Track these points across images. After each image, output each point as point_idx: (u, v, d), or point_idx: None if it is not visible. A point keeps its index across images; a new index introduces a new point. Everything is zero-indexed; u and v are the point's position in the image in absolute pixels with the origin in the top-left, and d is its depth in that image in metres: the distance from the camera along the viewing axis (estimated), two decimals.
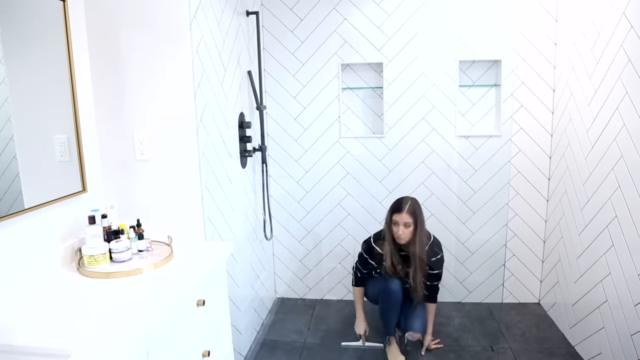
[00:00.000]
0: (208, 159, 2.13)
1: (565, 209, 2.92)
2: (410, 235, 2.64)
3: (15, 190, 1.58)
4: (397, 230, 2.63)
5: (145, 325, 1.28)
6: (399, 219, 2.62)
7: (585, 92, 2.63)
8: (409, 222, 2.61)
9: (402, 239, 2.64)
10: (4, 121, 1.55)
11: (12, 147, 1.58)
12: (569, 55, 2.84)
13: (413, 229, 2.62)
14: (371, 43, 3.15)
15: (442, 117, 3.19)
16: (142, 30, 1.95)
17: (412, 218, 2.61)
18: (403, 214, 2.62)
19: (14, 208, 1.56)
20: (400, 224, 2.62)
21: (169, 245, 1.89)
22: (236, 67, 2.60)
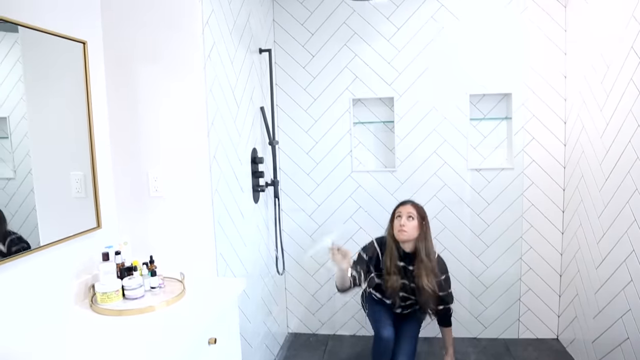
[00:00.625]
0: (221, 195, 2.15)
1: (581, 242, 2.88)
2: (414, 232, 2.48)
3: (31, 224, 1.61)
4: (399, 223, 2.47)
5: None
6: (403, 210, 2.50)
7: (597, 124, 2.63)
8: (412, 214, 2.48)
9: (405, 233, 2.47)
10: (23, 155, 1.59)
11: (29, 181, 1.61)
12: (579, 88, 2.85)
13: (417, 225, 2.48)
14: (382, 78, 3.20)
15: (453, 151, 3.19)
16: (157, 69, 2.01)
17: (416, 211, 2.49)
18: (407, 205, 2.52)
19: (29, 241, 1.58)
20: (403, 215, 2.48)
21: (181, 281, 1.89)
22: (249, 103, 2.65)
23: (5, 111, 1.54)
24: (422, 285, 2.48)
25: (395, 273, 2.54)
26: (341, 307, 3.47)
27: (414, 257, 2.54)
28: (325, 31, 3.22)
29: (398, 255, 2.56)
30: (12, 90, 1.55)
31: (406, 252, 2.56)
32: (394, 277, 2.54)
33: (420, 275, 2.49)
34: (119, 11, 2.01)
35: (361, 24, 3.18)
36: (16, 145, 1.57)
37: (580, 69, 2.83)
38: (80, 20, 1.88)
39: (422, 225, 2.51)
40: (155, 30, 1.99)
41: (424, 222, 2.52)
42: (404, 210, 2.51)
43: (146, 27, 2.00)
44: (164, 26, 1.99)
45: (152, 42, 2.00)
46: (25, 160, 1.60)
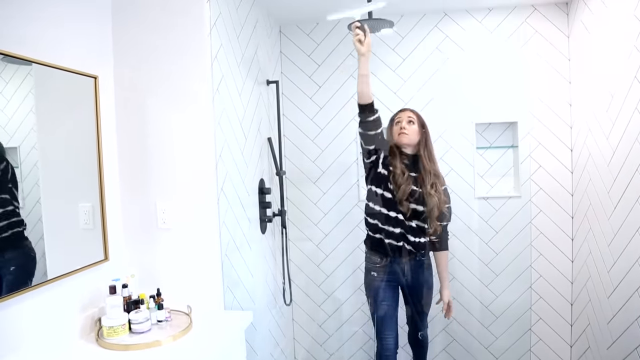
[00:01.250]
0: (228, 227, 2.16)
1: (592, 270, 2.85)
2: (415, 136, 2.40)
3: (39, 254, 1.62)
4: (399, 127, 2.38)
5: None
6: (402, 115, 2.42)
7: (604, 152, 2.62)
8: (412, 118, 2.40)
9: (405, 136, 2.38)
10: (32, 184, 1.61)
11: (38, 210, 1.63)
12: (585, 116, 2.86)
13: (417, 130, 2.40)
14: (388, 108, 3.21)
15: (460, 179, 3.19)
16: (166, 103, 2.04)
17: (416, 116, 2.41)
18: (406, 111, 2.45)
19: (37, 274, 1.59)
20: (403, 120, 2.40)
21: (188, 315, 1.89)
22: (257, 134, 2.68)
23: (16, 141, 1.56)
24: (429, 191, 2.39)
25: (405, 173, 2.41)
26: (349, 338, 3.42)
27: (417, 163, 2.47)
28: (331, 62, 3.27)
29: (402, 159, 2.46)
30: (24, 121, 1.58)
31: (410, 155, 2.48)
32: (405, 176, 2.40)
33: (425, 180, 2.42)
34: (130, 47, 2.06)
35: None
36: (26, 174, 1.60)
37: (585, 97, 2.85)
38: (92, 56, 1.93)
39: (422, 132, 2.44)
40: (165, 65, 2.04)
41: (424, 129, 2.45)
42: (404, 115, 2.44)
43: (156, 62, 2.05)
44: (173, 61, 2.03)
45: (162, 77, 2.04)
46: (34, 190, 1.62)
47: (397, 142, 2.47)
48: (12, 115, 1.54)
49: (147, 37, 2.05)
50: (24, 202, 1.58)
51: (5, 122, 1.51)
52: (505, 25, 3.10)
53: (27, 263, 1.58)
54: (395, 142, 2.49)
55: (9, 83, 1.52)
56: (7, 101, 1.51)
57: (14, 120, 1.55)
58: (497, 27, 3.11)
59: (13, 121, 1.54)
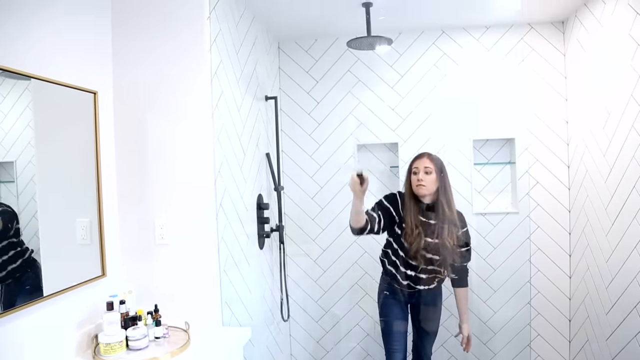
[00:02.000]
0: (227, 242, 2.15)
1: (590, 286, 2.84)
2: (433, 186, 2.39)
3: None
4: (417, 177, 2.37)
5: None
6: (419, 164, 2.39)
7: (601, 169, 2.64)
8: (429, 168, 2.37)
9: (423, 188, 2.37)
10: (28, 199, 1.60)
11: (34, 225, 1.61)
12: (582, 133, 2.88)
13: (435, 178, 2.38)
14: (386, 124, 3.25)
15: (458, 195, 3.17)
16: (166, 118, 2.05)
17: (433, 165, 2.37)
18: (423, 158, 2.41)
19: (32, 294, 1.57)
20: (420, 170, 2.38)
21: (186, 331, 1.87)
22: (255, 150, 2.68)
23: (12, 155, 1.56)
24: (445, 240, 2.40)
25: (418, 228, 2.42)
26: (347, 354, 3.40)
27: (435, 211, 2.44)
28: (329, 79, 3.29)
29: (419, 209, 2.45)
30: (21, 135, 1.58)
31: (427, 205, 2.47)
32: (416, 232, 2.42)
33: (442, 228, 2.41)
34: (129, 62, 2.07)
35: (365, 72, 3.26)
36: (22, 189, 1.59)
37: (582, 114, 2.87)
38: (91, 71, 1.94)
39: (440, 178, 2.41)
40: (165, 81, 2.05)
41: (442, 174, 2.42)
42: (421, 165, 2.40)
43: (156, 77, 2.06)
44: (174, 77, 2.04)
45: (162, 92, 2.05)
46: (30, 205, 1.61)
47: (415, 192, 2.45)
48: (9, 130, 1.53)
49: (147, 53, 2.06)
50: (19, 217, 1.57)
51: (2, 137, 1.51)
52: (502, 43, 3.13)
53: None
54: (414, 191, 2.46)
55: (6, 97, 1.52)
56: (5, 115, 1.51)
57: (11, 134, 1.54)
58: (494, 45, 3.14)
59: (10, 135, 1.54)
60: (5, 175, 1.54)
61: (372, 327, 3.33)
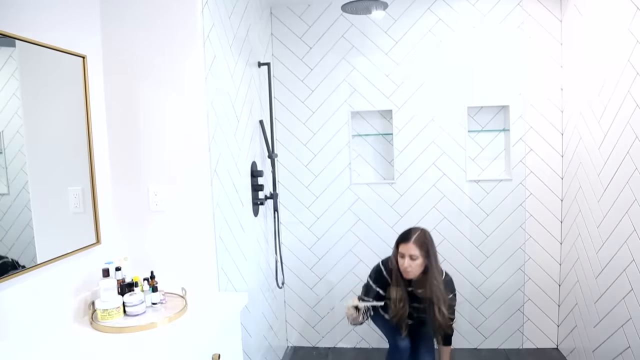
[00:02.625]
0: (222, 209, 2.14)
1: (580, 252, 2.89)
2: (419, 270, 2.40)
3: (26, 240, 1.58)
4: (403, 263, 2.38)
5: None
6: (405, 250, 2.37)
7: (595, 136, 2.64)
8: (415, 255, 2.35)
9: (409, 274, 2.39)
10: (18, 170, 1.57)
11: (24, 197, 1.58)
12: (576, 100, 2.87)
13: (421, 262, 2.37)
14: (380, 91, 3.21)
15: (452, 162, 3.20)
16: (158, 83, 2.00)
17: (419, 250, 2.36)
18: (409, 244, 2.37)
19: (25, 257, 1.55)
20: (406, 256, 2.37)
21: (183, 297, 1.88)
22: (248, 116, 2.65)
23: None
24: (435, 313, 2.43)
25: (402, 300, 2.47)
26: (341, 319, 3.45)
27: (421, 283, 2.47)
28: (323, 45, 3.24)
29: (405, 282, 2.48)
30: (7, 105, 1.53)
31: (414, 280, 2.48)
32: (400, 305, 2.47)
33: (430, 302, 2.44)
34: (119, 26, 2.01)
35: (359, 38, 3.21)
36: (10, 160, 1.55)
37: (577, 81, 2.86)
38: (79, 35, 1.88)
39: (426, 259, 2.41)
40: (156, 44, 2.00)
41: (428, 254, 2.41)
42: (406, 252, 2.38)
43: (147, 41, 2.00)
44: (165, 40, 1.99)
45: (153, 56, 2.00)
46: (19, 176, 1.58)
47: (402, 275, 2.45)
48: None
49: (137, 15, 1.99)
50: (8, 189, 1.54)
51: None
52: (499, 8, 3.09)
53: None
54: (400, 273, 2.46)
55: None
56: None
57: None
58: (490, 11, 3.09)
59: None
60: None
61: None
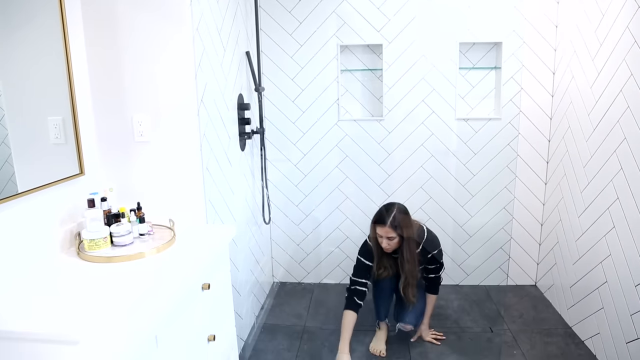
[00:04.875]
0: (209, 140, 2.09)
1: (565, 192, 2.92)
2: (397, 245, 2.52)
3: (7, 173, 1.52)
4: (382, 242, 2.52)
5: (153, 309, 1.25)
6: (382, 232, 2.48)
7: (588, 74, 2.61)
8: (392, 236, 2.46)
9: (388, 250, 2.54)
10: None
11: (1, 132, 1.51)
12: (571, 37, 2.81)
13: (398, 240, 2.49)
14: (371, 24, 3.10)
15: (441, 100, 3.16)
16: (141, 7, 1.88)
17: (395, 231, 2.45)
18: (385, 227, 2.46)
19: (5, 192, 1.50)
20: (383, 238, 2.49)
21: (170, 228, 1.85)
22: (235, 47, 2.54)
23: None
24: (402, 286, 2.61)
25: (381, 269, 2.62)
26: (326, 256, 3.49)
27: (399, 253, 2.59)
28: None
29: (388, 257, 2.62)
30: None
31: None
32: (381, 271, 2.63)
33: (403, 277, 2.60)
34: None
35: None
36: None
37: (573, 17, 2.79)
38: None
39: (402, 237, 2.49)
40: None
41: (403, 233, 2.49)
42: (384, 234, 2.48)
43: None
44: None
45: None
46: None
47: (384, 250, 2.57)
48: None
49: None
50: None
51: None
52: None
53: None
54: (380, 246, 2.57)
55: None
56: None
57: None
58: None
59: None
60: None
61: (351, 230, 3.40)
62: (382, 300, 2.72)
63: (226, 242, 1.89)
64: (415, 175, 3.25)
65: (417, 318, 2.72)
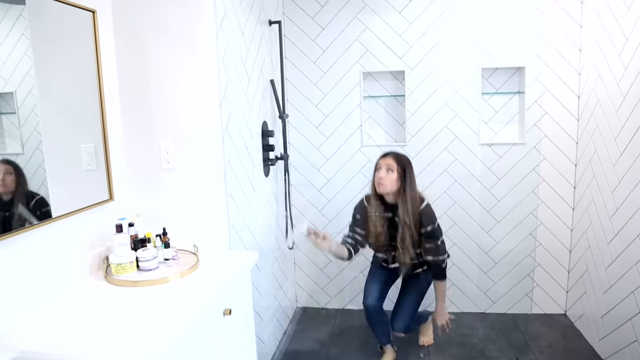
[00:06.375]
0: (233, 167, 2.13)
1: (593, 218, 2.86)
2: (394, 185, 2.39)
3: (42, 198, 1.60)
4: (379, 175, 2.39)
5: (175, 334, 1.27)
6: (382, 162, 2.40)
7: (613, 98, 2.58)
8: (392, 166, 2.37)
9: (383, 186, 2.39)
10: (31, 130, 1.57)
11: (38, 156, 1.59)
12: (595, 61, 2.79)
13: (397, 176, 2.38)
14: (393, 51, 3.15)
15: (464, 125, 3.16)
16: (168, 40, 1.97)
17: (397, 163, 2.37)
18: (387, 157, 2.40)
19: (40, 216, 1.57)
20: (382, 168, 2.39)
21: (194, 254, 1.89)
22: (259, 76, 2.61)
23: (11, 86, 1.50)
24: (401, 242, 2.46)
25: (381, 225, 2.50)
26: (350, 281, 3.48)
27: (393, 211, 2.49)
28: (335, 3, 3.15)
29: (383, 207, 2.51)
30: (18, 65, 1.51)
31: (390, 203, 2.50)
32: (379, 230, 2.50)
33: (399, 231, 2.46)
34: None
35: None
36: (24, 120, 1.55)
37: (597, 41, 2.77)
38: None
39: (402, 178, 2.40)
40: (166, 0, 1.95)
41: (405, 173, 2.40)
42: (384, 163, 2.40)
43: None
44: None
45: (163, 12, 1.96)
46: (33, 135, 1.57)
47: (376, 190, 2.46)
48: (6, 59, 1.46)
49: None
50: (23, 149, 1.54)
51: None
52: None
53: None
54: (375, 189, 2.48)
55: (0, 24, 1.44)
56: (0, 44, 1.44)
57: (9, 65, 1.47)
58: None
59: (7, 65, 1.47)
60: (5, 107, 1.49)
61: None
62: (375, 328, 2.69)
63: (249, 268, 1.92)
64: (439, 200, 3.23)
65: (405, 324, 2.61)
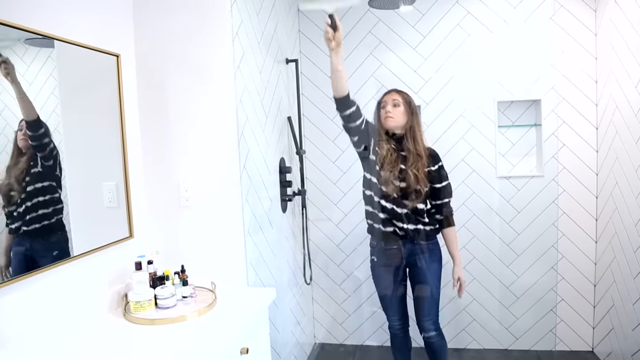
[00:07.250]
0: (251, 204, 2.16)
1: (617, 251, 2.80)
2: (402, 119, 2.32)
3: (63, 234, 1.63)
4: (385, 111, 2.30)
5: None
6: (387, 98, 2.32)
7: (632, 129, 2.56)
8: (397, 101, 2.30)
9: (392, 119, 2.31)
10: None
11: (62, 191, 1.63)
12: (612, 92, 2.79)
13: (404, 110, 2.31)
14: (408, 86, 3.18)
15: (481, 158, 3.15)
16: (188, 80, 2.03)
17: (401, 97, 2.31)
18: (392, 93, 2.34)
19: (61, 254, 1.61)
20: (388, 103, 2.31)
21: (212, 291, 1.90)
22: (277, 113, 2.66)
23: None
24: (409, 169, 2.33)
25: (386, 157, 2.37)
26: (369, 317, 3.43)
27: (402, 143, 2.39)
28: (350, 40, 3.22)
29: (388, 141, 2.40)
30: (46, 103, 1.58)
31: (396, 137, 2.40)
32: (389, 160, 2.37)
33: (408, 160, 2.35)
34: (150, 24, 2.05)
35: (386, 33, 3.18)
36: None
37: (613, 73, 2.77)
38: (113, 35, 1.92)
39: (409, 113, 2.35)
40: (186, 42, 2.03)
41: (411, 108, 2.35)
42: (389, 98, 2.34)
43: (177, 39, 2.03)
44: (195, 38, 2.02)
45: (184, 54, 2.03)
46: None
47: (383, 126, 2.39)
48: (35, 98, 1.53)
49: (168, 15, 2.03)
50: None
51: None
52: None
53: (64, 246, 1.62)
54: (382, 126, 2.40)
55: (30, 66, 1.51)
56: (29, 84, 1.51)
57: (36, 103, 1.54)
58: (520, 2, 3.03)
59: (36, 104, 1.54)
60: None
61: None
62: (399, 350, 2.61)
63: (266, 305, 1.92)
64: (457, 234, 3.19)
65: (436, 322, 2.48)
